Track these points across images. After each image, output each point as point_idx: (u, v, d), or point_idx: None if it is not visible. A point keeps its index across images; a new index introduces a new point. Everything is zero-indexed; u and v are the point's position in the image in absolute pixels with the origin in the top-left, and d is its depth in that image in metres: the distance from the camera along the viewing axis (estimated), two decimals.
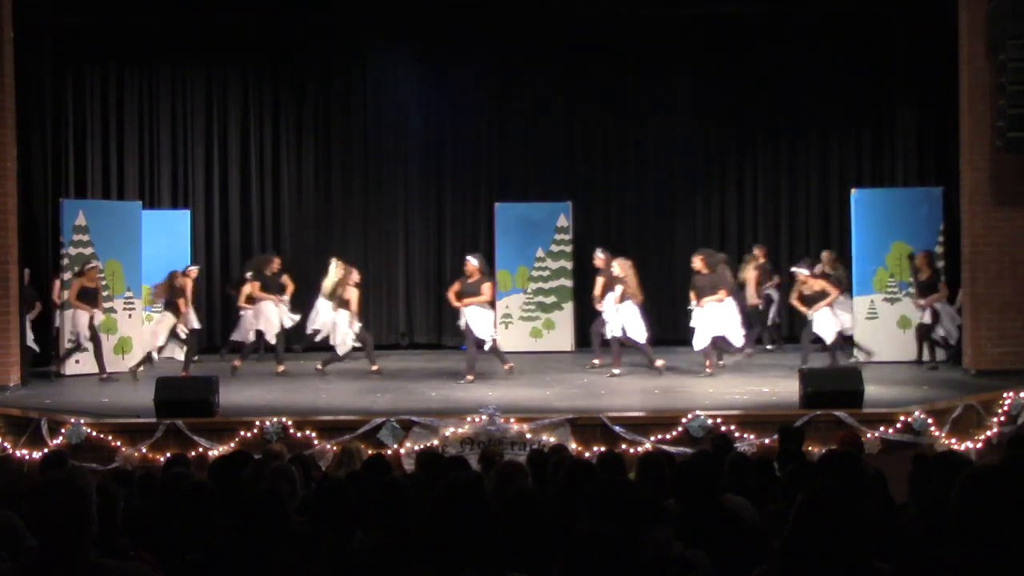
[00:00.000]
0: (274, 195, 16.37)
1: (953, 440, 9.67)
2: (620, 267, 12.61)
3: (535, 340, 15.42)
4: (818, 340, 12.69)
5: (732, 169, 16.46)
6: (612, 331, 12.52)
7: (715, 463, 5.69)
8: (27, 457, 9.60)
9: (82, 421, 9.82)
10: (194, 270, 14.43)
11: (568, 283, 15.42)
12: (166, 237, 14.91)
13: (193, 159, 16.11)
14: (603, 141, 16.45)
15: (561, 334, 15.46)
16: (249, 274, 13.66)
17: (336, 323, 12.80)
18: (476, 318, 12.28)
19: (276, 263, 13.60)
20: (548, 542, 3.79)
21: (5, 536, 4.64)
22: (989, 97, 11.79)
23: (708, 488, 4.82)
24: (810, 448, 8.73)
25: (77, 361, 13.15)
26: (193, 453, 9.18)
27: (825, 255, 14.37)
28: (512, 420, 9.67)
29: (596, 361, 13.22)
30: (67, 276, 13.09)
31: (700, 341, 12.40)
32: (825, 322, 12.53)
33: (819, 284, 12.69)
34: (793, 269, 13.31)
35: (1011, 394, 10.17)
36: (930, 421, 9.73)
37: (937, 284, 12.98)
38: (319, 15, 15.19)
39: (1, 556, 4.32)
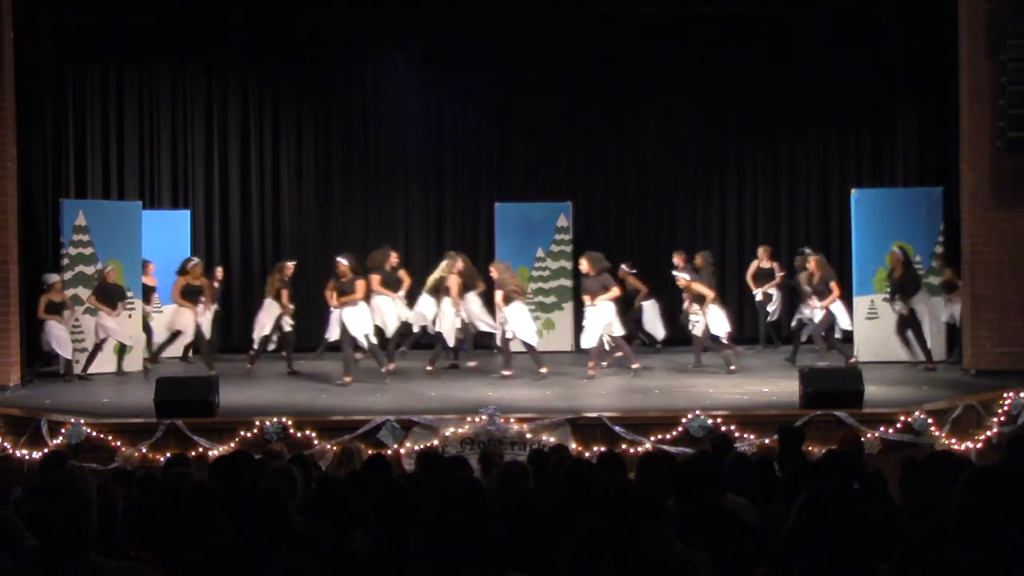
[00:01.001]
0: (274, 195, 16.37)
1: (953, 440, 9.67)
2: (495, 271, 12.82)
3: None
4: (716, 338, 12.78)
5: (732, 169, 16.46)
6: (502, 333, 12.76)
7: (715, 463, 5.69)
8: (27, 457, 9.62)
9: (82, 421, 9.83)
10: (290, 266, 13.71)
11: (568, 283, 15.38)
12: (166, 237, 14.91)
13: (193, 159, 16.11)
14: (603, 141, 16.43)
15: (561, 334, 15.42)
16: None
17: (443, 314, 13.08)
18: (351, 318, 12.22)
19: (394, 258, 13.73)
20: (549, 542, 3.79)
21: (5, 536, 4.64)
22: (989, 97, 11.79)
23: (708, 488, 4.82)
24: (810, 448, 8.73)
25: (77, 361, 13.13)
26: (193, 453, 9.18)
27: (699, 258, 13.72)
28: (512, 420, 9.68)
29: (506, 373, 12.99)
30: (53, 279, 13.05)
31: (589, 339, 12.44)
32: (717, 321, 12.73)
33: (696, 287, 12.84)
34: (675, 274, 13.35)
35: (1011, 394, 10.16)
36: (930, 421, 9.73)
37: (829, 284, 12.99)
38: (319, 15, 15.19)
39: (1, 556, 4.32)
